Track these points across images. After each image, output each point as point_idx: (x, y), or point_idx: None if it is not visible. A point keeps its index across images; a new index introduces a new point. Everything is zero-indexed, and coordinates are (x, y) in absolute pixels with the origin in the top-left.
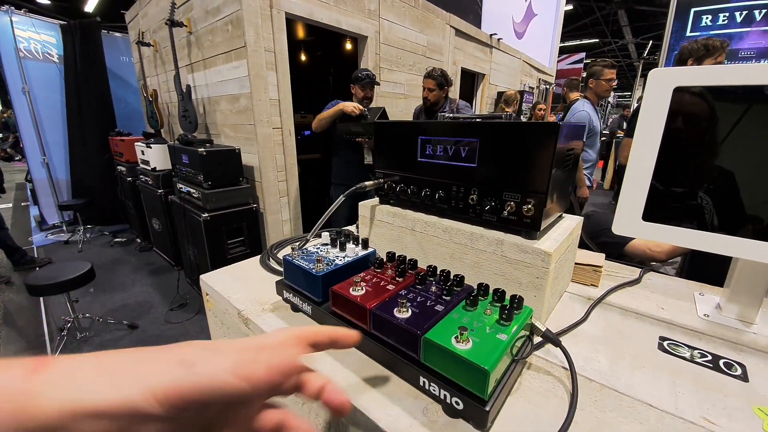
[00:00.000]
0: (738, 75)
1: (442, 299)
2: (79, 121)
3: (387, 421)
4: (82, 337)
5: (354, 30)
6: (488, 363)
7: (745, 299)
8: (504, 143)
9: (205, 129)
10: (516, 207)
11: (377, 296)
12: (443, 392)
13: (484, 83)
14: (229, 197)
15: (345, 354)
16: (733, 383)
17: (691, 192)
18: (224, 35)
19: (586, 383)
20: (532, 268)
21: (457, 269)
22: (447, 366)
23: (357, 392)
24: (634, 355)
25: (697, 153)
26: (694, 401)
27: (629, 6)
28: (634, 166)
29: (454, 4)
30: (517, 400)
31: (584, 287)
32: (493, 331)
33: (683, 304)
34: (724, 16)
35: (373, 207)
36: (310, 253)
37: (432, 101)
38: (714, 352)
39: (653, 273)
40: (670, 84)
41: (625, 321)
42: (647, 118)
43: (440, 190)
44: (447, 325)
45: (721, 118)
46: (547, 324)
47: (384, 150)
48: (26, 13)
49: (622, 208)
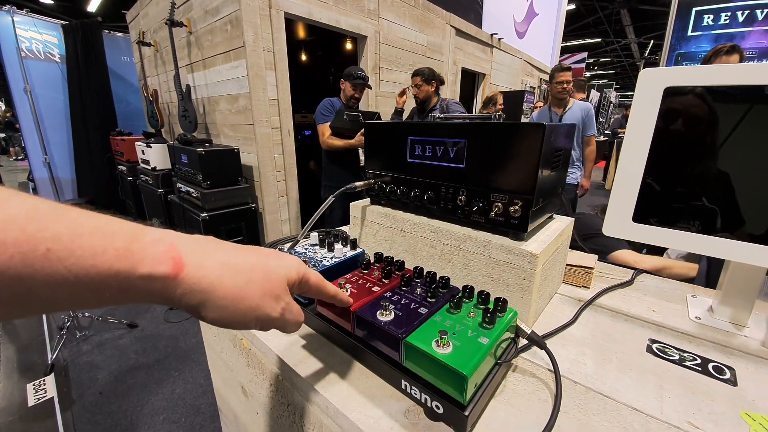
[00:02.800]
0: (727, 75)
1: (427, 302)
2: (83, 120)
3: (368, 423)
4: (81, 336)
5: (353, 30)
6: (467, 368)
7: (737, 302)
8: (491, 144)
9: (205, 129)
10: (503, 208)
11: (361, 298)
12: (424, 396)
13: (485, 83)
14: (228, 197)
15: (329, 354)
16: (722, 387)
17: (683, 194)
18: (223, 35)
19: (571, 386)
20: (519, 270)
21: (446, 270)
22: (427, 370)
23: (339, 393)
24: (622, 358)
25: (689, 154)
26: (681, 405)
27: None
28: (624, 167)
29: (455, 3)
30: (500, 404)
31: (575, 289)
32: (474, 335)
33: (675, 307)
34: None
35: (364, 207)
36: (298, 254)
37: (422, 98)
38: (704, 355)
39: (646, 275)
40: (661, 84)
41: (614, 323)
42: (637, 119)
43: (429, 191)
44: (429, 329)
45: (716, 119)
46: (536, 326)
47: (374, 150)
48: (28, 13)
49: (612, 210)
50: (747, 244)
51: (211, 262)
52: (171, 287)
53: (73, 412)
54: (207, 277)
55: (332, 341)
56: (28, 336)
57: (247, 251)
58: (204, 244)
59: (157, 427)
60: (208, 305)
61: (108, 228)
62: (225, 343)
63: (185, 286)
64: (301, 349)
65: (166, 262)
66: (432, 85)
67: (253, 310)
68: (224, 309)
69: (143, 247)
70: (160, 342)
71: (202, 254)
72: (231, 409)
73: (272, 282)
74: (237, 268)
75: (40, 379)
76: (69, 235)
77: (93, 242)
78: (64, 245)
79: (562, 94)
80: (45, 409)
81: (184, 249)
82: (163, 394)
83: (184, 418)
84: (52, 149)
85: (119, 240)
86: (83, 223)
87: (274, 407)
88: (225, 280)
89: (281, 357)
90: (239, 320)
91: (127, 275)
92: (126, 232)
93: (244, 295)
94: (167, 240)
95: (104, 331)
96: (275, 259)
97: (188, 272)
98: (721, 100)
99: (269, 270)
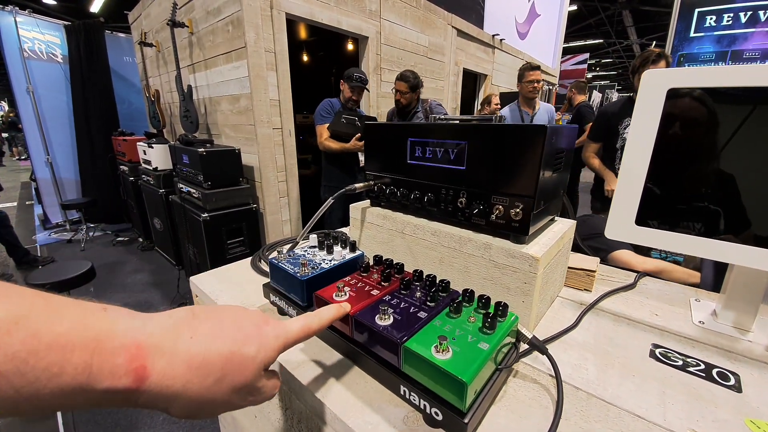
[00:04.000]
0: (731, 76)
1: (426, 305)
2: (86, 121)
3: (366, 429)
4: None
5: (355, 30)
6: (467, 374)
7: (741, 306)
8: (491, 146)
9: (207, 129)
10: (504, 210)
11: (360, 301)
12: (423, 402)
13: (486, 84)
14: (229, 197)
15: (327, 359)
16: (726, 394)
17: (688, 196)
18: (225, 36)
19: (573, 392)
20: (520, 273)
21: (446, 274)
22: (426, 375)
23: (337, 398)
24: (624, 363)
25: (693, 156)
26: (684, 412)
27: (634, 6)
28: (626, 170)
29: (456, 4)
30: (500, 410)
31: (577, 292)
32: (475, 340)
33: (678, 311)
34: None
35: (363, 209)
36: (297, 256)
37: (404, 104)
38: (707, 360)
39: (649, 278)
40: (665, 85)
41: (617, 328)
42: (640, 121)
43: (429, 193)
44: (428, 333)
45: (720, 121)
46: (537, 330)
47: (374, 152)
48: (30, 13)
49: (614, 213)
50: (752, 247)
51: (179, 364)
52: (133, 398)
53: (73, 412)
54: (172, 386)
55: (331, 345)
56: None
57: (225, 333)
58: (177, 334)
59: (156, 427)
60: (172, 409)
61: (69, 337)
62: None
63: (148, 396)
64: (299, 353)
65: (127, 375)
66: (417, 93)
67: (221, 406)
68: (189, 410)
69: (103, 360)
70: None
71: (171, 354)
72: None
73: (244, 375)
74: (207, 368)
75: None
76: (24, 355)
77: (49, 361)
78: (17, 367)
79: (532, 94)
80: None
81: (152, 351)
82: None
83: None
84: (54, 149)
85: (78, 355)
86: (42, 335)
87: (272, 411)
88: (192, 386)
89: (279, 361)
90: (207, 415)
91: (84, 389)
92: (89, 340)
93: (211, 398)
94: (133, 343)
95: None
96: (254, 345)
97: (152, 382)
98: (725, 102)
99: (244, 361)
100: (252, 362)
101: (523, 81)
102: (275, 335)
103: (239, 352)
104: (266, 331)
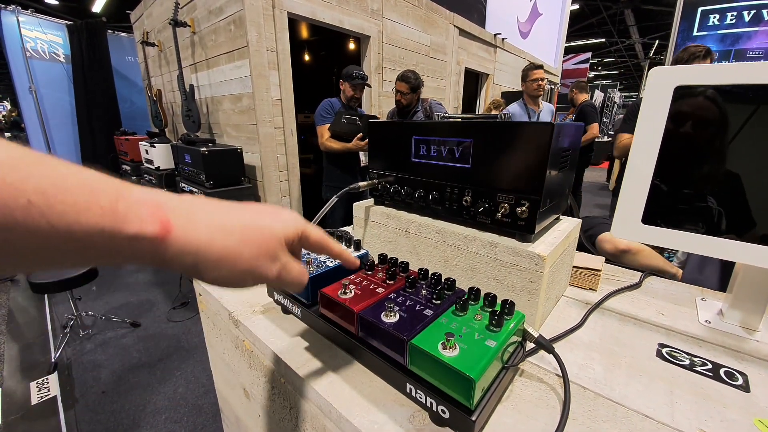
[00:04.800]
0: (739, 74)
1: (432, 303)
2: (88, 120)
3: (372, 428)
4: (84, 334)
5: (356, 30)
6: (474, 371)
7: (748, 305)
8: (497, 144)
9: (209, 128)
10: (510, 209)
11: (365, 299)
12: (429, 400)
13: (488, 83)
14: (231, 197)
15: (332, 358)
16: (734, 393)
17: (694, 195)
18: (227, 35)
19: (580, 392)
20: (526, 272)
21: (451, 272)
22: (433, 373)
23: (342, 397)
24: (631, 362)
25: (699, 155)
26: (692, 412)
27: (636, 5)
28: (633, 168)
29: (458, 3)
30: (507, 409)
31: (582, 291)
32: (482, 338)
33: (684, 310)
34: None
35: (367, 208)
36: (301, 254)
37: (404, 104)
38: (715, 360)
39: (654, 277)
40: (671, 83)
41: (623, 327)
42: (647, 119)
43: (434, 191)
44: (435, 331)
45: (727, 119)
46: (542, 329)
47: (378, 150)
48: (33, 13)
49: (621, 211)
50: (758, 246)
51: (200, 223)
52: (160, 249)
53: (75, 411)
54: (197, 239)
55: (335, 343)
56: (31, 334)
57: (240, 210)
58: (192, 204)
59: (159, 426)
60: (202, 266)
61: (93, 184)
62: (227, 344)
63: (175, 248)
64: (303, 351)
65: (153, 223)
66: (417, 94)
67: (249, 270)
68: (220, 269)
69: (128, 206)
70: (162, 341)
71: (189, 216)
72: (232, 410)
73: (266, 241)
74: (227, 229)
75: (43, 377)
76: (52, 189)
77: (76, 198)
78: (46, 199)
79: (537, 92)
80: (48, 407)
81: (171, 210)
82: (166, 394)
83: (186, 417)
84: (56, 148)
85: (104, 197)
86: (68, 177)
87: (276, 410)
88: (215, 241)
89: (283, 359)
90: (237, 280)
91: (113, 234)
92: (111, 189)
93: (237, 256)
94: (154, 201)
95: (107, 329)
96: (270, 218)
97: (176, 234)
98: (731, 100)
99: (262, 229)
100: (270, 231)
101: (528, 80)
102: (294, 218)
103: (256, 222)
104: (284, 213)
